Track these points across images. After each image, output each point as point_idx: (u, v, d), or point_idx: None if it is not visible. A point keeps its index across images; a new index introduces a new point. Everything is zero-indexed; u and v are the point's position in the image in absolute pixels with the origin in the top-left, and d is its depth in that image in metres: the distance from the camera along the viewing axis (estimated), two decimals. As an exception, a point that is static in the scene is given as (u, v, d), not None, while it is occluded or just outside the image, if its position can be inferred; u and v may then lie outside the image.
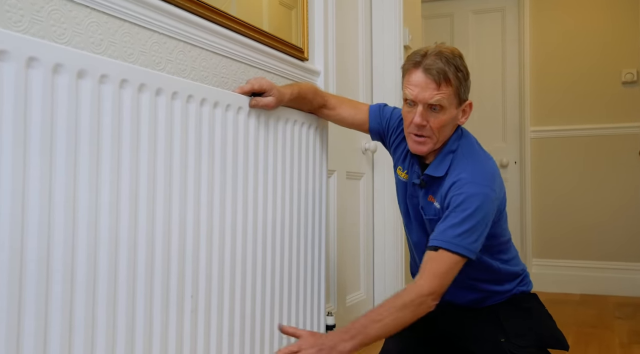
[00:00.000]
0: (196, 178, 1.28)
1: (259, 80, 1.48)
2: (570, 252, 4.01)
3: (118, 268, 1.09)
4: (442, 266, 1.34)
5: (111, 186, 1.07)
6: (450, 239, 1.34)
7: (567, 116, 4.04)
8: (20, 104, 0.91)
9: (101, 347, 1.05)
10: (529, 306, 1.55)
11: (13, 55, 0.90)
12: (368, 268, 2.77)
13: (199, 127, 1.29)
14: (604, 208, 3.93)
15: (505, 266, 1.54)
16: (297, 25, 1.95)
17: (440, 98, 1.38)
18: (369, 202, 2.79)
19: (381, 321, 1.30)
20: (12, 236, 0.90)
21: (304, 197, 1.72)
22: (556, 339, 1.51)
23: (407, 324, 1.33)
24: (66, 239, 0.98)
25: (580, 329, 2.92)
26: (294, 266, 1.67)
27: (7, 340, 0.89)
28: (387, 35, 2.86)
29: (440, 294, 1.34)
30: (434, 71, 1.37)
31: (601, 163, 3.95)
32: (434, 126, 1.40)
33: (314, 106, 1.68)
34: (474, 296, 1.55)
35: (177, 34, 1.37)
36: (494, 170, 1.45)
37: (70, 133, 0.99)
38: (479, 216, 1.35)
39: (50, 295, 0.96)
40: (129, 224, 1.10)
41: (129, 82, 1.10)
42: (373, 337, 1.30)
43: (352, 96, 2.60)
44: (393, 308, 1.31)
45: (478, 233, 1.36)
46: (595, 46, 3.97)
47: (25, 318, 0.92)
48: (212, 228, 1.33)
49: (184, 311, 1.25)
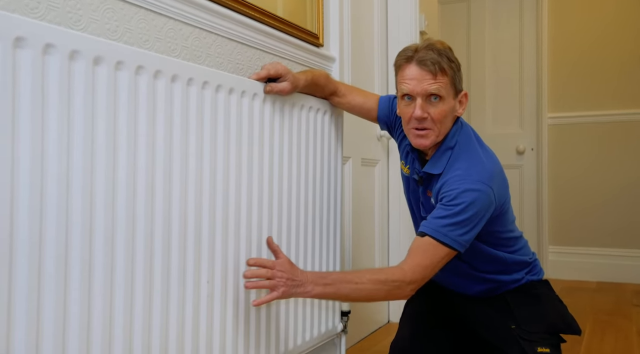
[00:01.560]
0: (212, 164, 1.29)
1: (275, 65, 1.48)
2: (586, 240, 3.97)
3: (135, 253, 1.10)
4: (427, 257, 1.34)
5: (128, 173, 1.07)
6: (439, 228, 1.33)
7: (586, 101, 3.99)
8: (37, 90, 0.92)
9: (119, 330, 1.07)
10: (539, 292, 1.54)
11: (30, 42, 0.90)
12: (383, 253, 2.77)
13: (215, 114, 1.30)
14: (621, 195, 3.88)
15: (513, 256, 1.53)
16: (312, 11, 1.94)
17: (438, 87, 1.37)
18: (384, 189, 2.79)
19: (357, 285, 1.31)
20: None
21: (319, 184, 1.72)
22: (567, 324, 1.50)
23: (375, 300, 1.37)
24: (83, 227, 0.99)
25: (596, 317, 2.90)
26: (309, 252, 1.68)
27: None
28: (403, 22, 2.83)
29: (420, 285, 1.35)
30: (428, 62, 1.37)
31: (619, 150, 3.90)
32: (435, 117, 1.39)
33: (325, 93, 1.70)
34: (483, 287, 1.55)
35: (192, 21, 1.37)
36: (493, 168, 1.41)
37: (87, 119, 1.00)
38: (470, 211, 1.33)
39: (68, 285, 0.97)
40: (145, 211, 1.11)
41: (144, 69, 1.11)
42: (342, 295, 1.33)
43: (367, 82, 2.59)
44: (373, 279, 1.32)
45: (468, 228, 1.34)
46: (615, 31, 3.91)
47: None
48: (227, 214, 1.34)
49: (201, 296, 1.26)
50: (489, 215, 1.39)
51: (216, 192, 1.30)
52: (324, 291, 1.31)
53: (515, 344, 1.45)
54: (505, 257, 1.51)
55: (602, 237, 3.93)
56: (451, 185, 1.37)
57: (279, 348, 1.55)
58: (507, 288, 1.54)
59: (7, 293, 0.88)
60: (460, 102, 1.46)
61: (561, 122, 4.05)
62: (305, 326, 1.67)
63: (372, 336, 2.59)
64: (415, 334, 1.59)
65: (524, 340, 1.44)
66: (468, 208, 1.33)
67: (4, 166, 0.87)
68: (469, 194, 1.34)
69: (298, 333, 1.64)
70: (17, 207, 0.89)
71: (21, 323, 0.90)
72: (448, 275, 1.56)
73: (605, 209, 3.92)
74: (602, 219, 3.93)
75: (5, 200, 0.87)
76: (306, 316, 1.68)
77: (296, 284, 1.28)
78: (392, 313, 2.82)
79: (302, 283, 1.29)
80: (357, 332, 2.45)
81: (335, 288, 1.31)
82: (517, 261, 1.54)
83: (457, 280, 1.59)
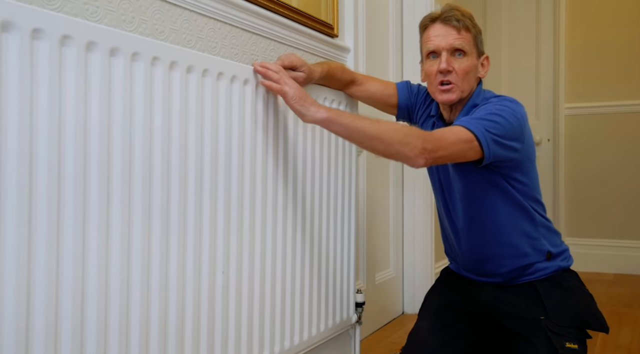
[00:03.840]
0: (227, 154, 1.29)
1: (289, 56, 1.48)
2: (603, 231, 3.93)
3: (151, 243, 1.11)
4: (451, 136, 1.33)
5: (143, 163, 1.08)
6: (469, 120, 1.37)
7: (603, 91, 3.93)
8: (54, 81, 0.92)
9: (135, 317, 1.08)
10: (570, 285, 1.51)
11: (47, 33, 0.91)
12: (397, 246, 2.77)
13: (229, 105, 1.30)
14: (639, 187, 3.83)
15: (542, 219, 1.52)
16: (327, 1, 1.93)
17: (462, 42, 1.45)
18: (398, 181, 2.78)
19: (371, 123, 1.30)
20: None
21: (333, 176, 1.72)
22: (597, 320, 1.47)
23: (382, 144, 1.29)
24: (100, 216, 1.00)
25: (614, 309, 2.88)
26: (323, 244, 1.68)
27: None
28: (418, 11, 2.80)
29: (430, 157, 1.29)
30: (452, 19, 1.45)
31: (636, 140, 3.84)
32: (459, 71, 1.45)
33: (342, 83, 1.69)
34: (512, 263, 1.49)
35: (207, 11, 1.36)
36: (522, 107, 1.46)
37: (104, 110, 1.00)
38: (504, 115, 1.38)
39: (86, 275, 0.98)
40: (161, 205, 1.12)
41: (160, 60, 1.11)
42: (346, 123, 1.31)
43: (382, 73, 2.58)
44: (390, 124, 1.32)
45: (500, 130, 1.36)
46: (633, 19, 3.84)
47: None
48: (242, 206, 1.34)
49: (216, 286, 1.27)
50: (518, 144, 1.41)
51: (231, 182, 1.31)
52: (335, 117, 1.31)
53: (542, 335, 1.41)
54: (534, 216, 1.50)
55: (619, 229, 3.88)
56: (484, 103, 1.45)
57: (294, 339, 1.56)
58: (538, 271, 1.50)
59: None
60: (482, 65, 1.52)
61: (578, 113, 4.00)
62: (320, 316, 1.68)
63: (387, 327, 2.60)
64: (435, 328, 1.56)
65: (553, 333, 1.40)
66: (502, 112, 1.38)
67: (23, 157, 0.88)
68: (503, 104, 1.41)
69: (313, 323, 1.65)
70: (35, 209, 0.90)
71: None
72: (475, 248, 1.53)
73: (623, 201, 3.87)
74: (620, 211, 3.89)
75: (25, 185, 0.88)
76: (321, 307, 1.68)
77: (304, 102, 1.31)
78: (407, 305, 2.82)
79: (306, 99, 1.32)
80: (371, 323, 2.45)
81: (338, 115, 1.32)
82: (546, 226, 1.52)
83: (484, 253, 1.52)
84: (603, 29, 3.93)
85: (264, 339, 1.44)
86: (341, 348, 1.92)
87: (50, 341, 0.92)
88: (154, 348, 1.11)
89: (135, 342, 1.08)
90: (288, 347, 1.53)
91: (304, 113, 1.32)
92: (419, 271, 2.82)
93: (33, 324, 0.90)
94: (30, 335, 0.89)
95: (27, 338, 0.89)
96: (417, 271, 2.82)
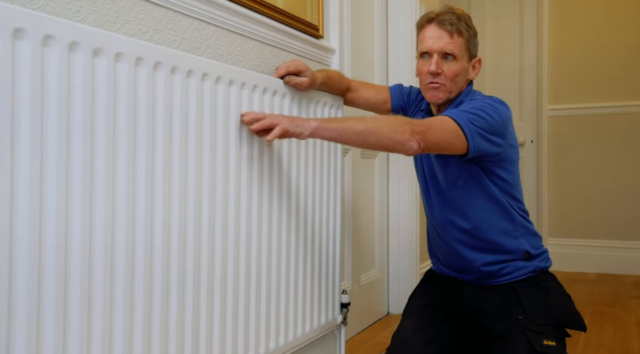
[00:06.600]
0: (211, 155, 1.29)
1: (294, 62, 1.57)
2: (586, 231, 3.98)
3: (135, 246, 1.10)
4: (437, 123, 1.39)
5: (127, 167, 1.07)
6: (455, 111, 1.43)
7: (586, 93, 3.98)
8: (36, 82, 0.91)
9: (119, 320, 1.07)
10: (548, 285, 1.54)
11: (29, 33, 0.90)
12: (382, 246, 2.77)
13: (214, 105, 1.30)
14: (621, 187, 3.89)
15: (520, 218, 1.55)
16: (312, 2, 1.93)
17: (453, 47, 1.49)
18: (383, 182, 2.79)
19: (361, 120, 1.34)
20: (30, 233, 0.91)
21: (318, 177, 1.72)
22: (574, 319, 1.51)
23: (373, 136, 1.33)
24: (83, 220, 0.99)
25: (596, 309, 2.91)
26: (309, 245, 1.68)
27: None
28: (404, 13, 2.82)
29: (422, 140, 1.34)
30: (447, 23, 1.49)
31: (619, 142, 3.90)
32: (448, 74, 1.50)
33: (340, 89, 1.78)
34: (490, 258, 1.53)
35: (191, 12, 1.36)
36: (507, 107, 1.52)
37: (87, 111, 0.99)
38: (487, 110, 1.43)
39: (69, 286, 0.97)
40: (144, 217, 1.11)
41: (144, 60, 1.10)
42: (342, 125, 1.34)
43: (367, 74, 2.59)
44: (376, 117, 1.39)
45: (483, 123, 1.41)
46: (616, 22, 3.89)
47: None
48: (227, 205, 1.34)
49: (200, 287, 1.27)
50: (500, 139, 1.46)
51: (215, 182, 1.30)
52: (323, 124, 1.33)
53: (521, 334, 1.44)
54: (513, 214, 1.53)
55: (602, 229, 3.93)
56: (470, 100, 1.51)
57: (279, 340, 1.56)
58: (517, 270, 1.53)
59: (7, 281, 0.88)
60: (474, 67, 1.58)
61: (561, 114, 4.04)
62: (305, 317, 1.68)
63: (372, 327, 2.60)
64: (418, 326, 1.58)
65: (531, 332, 1.43)
66: (486, 107, 1.44)
67: (3, 156, 0.87)
68: (489, 100, 1.48)
69: (298, 324, 1.64)
70: (16, 205, 0.89)
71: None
72: (453, 245, 1.57)
73: (605, 201, 3.92)
74: (602, 211, 3.93)
75: (5, 191, 0.87)
76: (306, 307, 1.68)
77: (296, 123, 1.32)
78: (392, 305, 2.83)
79: (303, 121, 1.33)
80: (357, 324, 2.46)
81: (335, 119, 1.37)
82: (525, 227, 1.56)
83: (463, 251, 1.56)
84: (585, 31, 3.98)
85: (249, 340, 1.43)
86: (326, 349, 1.92)
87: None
88: (137, 346, 1.11)
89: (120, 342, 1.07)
90: (273, 348, 1.53)
91: (301, 132, 1.32)
92: (404, 272, 2.83)
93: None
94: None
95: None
96: (402, 272, 2.83)
